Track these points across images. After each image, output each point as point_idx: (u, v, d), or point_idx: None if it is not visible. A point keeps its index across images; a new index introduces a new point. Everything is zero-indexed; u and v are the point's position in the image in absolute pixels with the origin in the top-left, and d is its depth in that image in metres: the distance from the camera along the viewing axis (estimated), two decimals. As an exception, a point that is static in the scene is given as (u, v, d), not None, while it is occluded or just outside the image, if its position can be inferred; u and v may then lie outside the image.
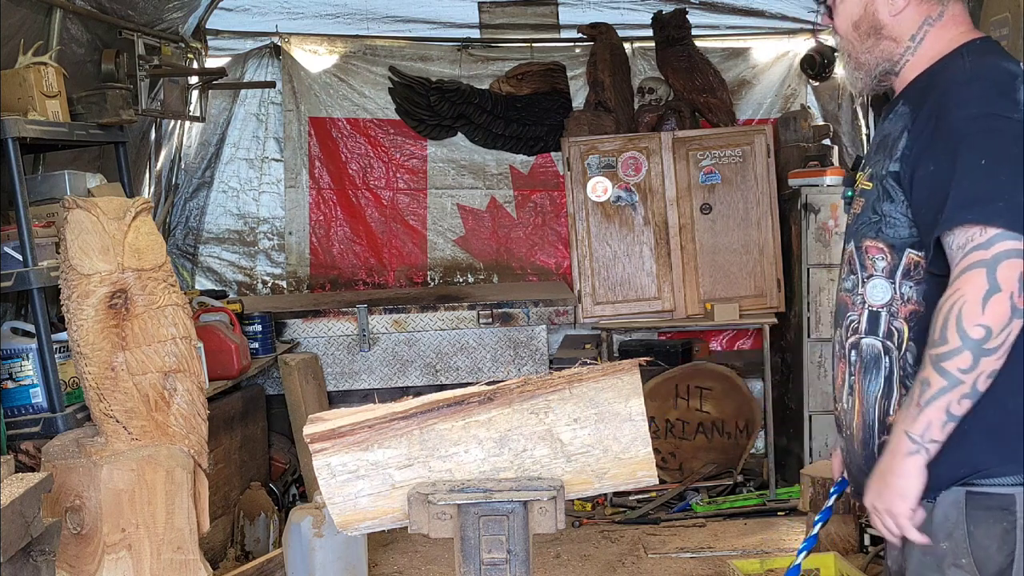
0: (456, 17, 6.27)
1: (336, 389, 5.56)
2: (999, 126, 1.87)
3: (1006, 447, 1.86)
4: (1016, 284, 1.78)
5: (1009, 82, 1.91)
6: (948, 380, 1.81)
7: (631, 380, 2.34)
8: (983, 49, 2.00)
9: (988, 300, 1.78)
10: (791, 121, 6.00)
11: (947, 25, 2.06)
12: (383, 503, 2.32)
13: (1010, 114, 1.87)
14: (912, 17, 2.06)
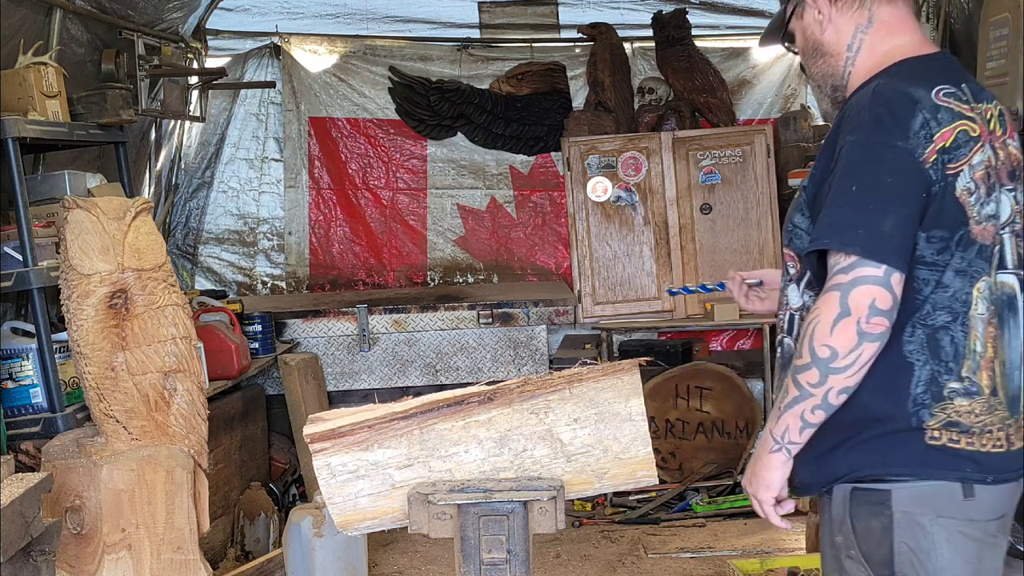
0: (456, 17, 6.27)
1: (336, 389, 5.56)
2: (879, 154, 1.90)
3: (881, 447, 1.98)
4: (865, 310, 1.86)
5: (907, 109, 1.92)
6: (800, 391, 1.94)
7: (631, 380, 2.34)
8: (900, 73, 2.00)
9: (837, 323, 1.87)
10: (791, 121, 6.00)
11: (879, 32, 2.07)
12: (383, 503, 2.32)
13: (895, 142, 1.89)
14: (843, 28, 2.09)
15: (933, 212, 1.90)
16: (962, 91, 1.98)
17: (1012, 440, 2.00)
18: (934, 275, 1.94)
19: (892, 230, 1.86)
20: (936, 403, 1.95)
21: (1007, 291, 2.00)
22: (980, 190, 1.94)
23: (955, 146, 1.91)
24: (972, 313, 1.95)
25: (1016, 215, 2.01)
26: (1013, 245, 2.01)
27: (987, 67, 3.55)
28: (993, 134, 2.00)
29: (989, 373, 1.98)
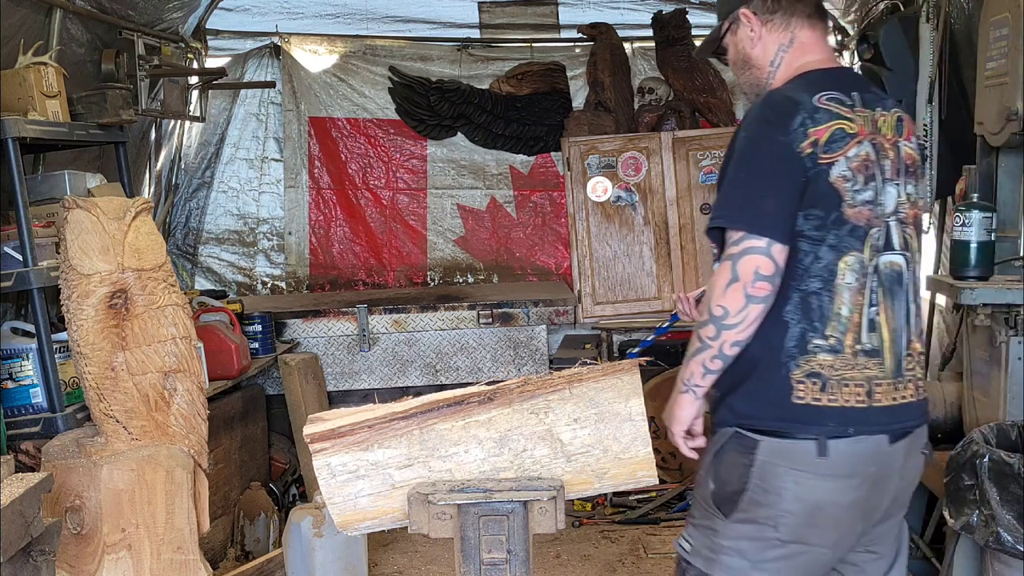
0: (456, 17, 6.27)
1: (336, 389, 5.56)
2: (764, 147, 2.29)
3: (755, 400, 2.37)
4: (751, 276, 2.23)
5: (789, 110, 2.28)
6: (701, 344, 2.35)
7: (631, 380, 2.34)
8: (798, 83, 2.36)
9: (728, 287, 2.26)
10: (791, 121, 6.00)
11: (797, 52, 2.44)
12: (383, 503, 2.32)
13: (777, 137, 2.26)
14: (769, 46, 2.45)
15: (810, 194, 2.26)
16: (849, 98, 2.33)
17: (875, 397, 2.30)
18: (813, 248, 2.27)
19: (774, 209, 2.24)
20: (802, 355, 2.29)
21: (896, 269, 2.34)
22: (857, 178, 2.28)
23: (830, 140, 2.26)
24: (838, 282, 2.28)
25: (901, 206, 2.35)
26: (899, 231, 2.35)
27: (987, 67, 3.55)
28: (880, 135, 2.34)
29: (855, 337, 2.29)
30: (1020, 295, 3.22)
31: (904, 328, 2.35)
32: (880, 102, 2.39)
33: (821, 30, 2.46)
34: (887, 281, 2.32)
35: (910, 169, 2.39)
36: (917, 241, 2.41)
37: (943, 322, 4.85)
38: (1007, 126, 3.36)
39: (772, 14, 2.44)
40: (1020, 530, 2.71)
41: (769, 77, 2.46)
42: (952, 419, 3.73)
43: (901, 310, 2.34)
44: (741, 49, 2.51)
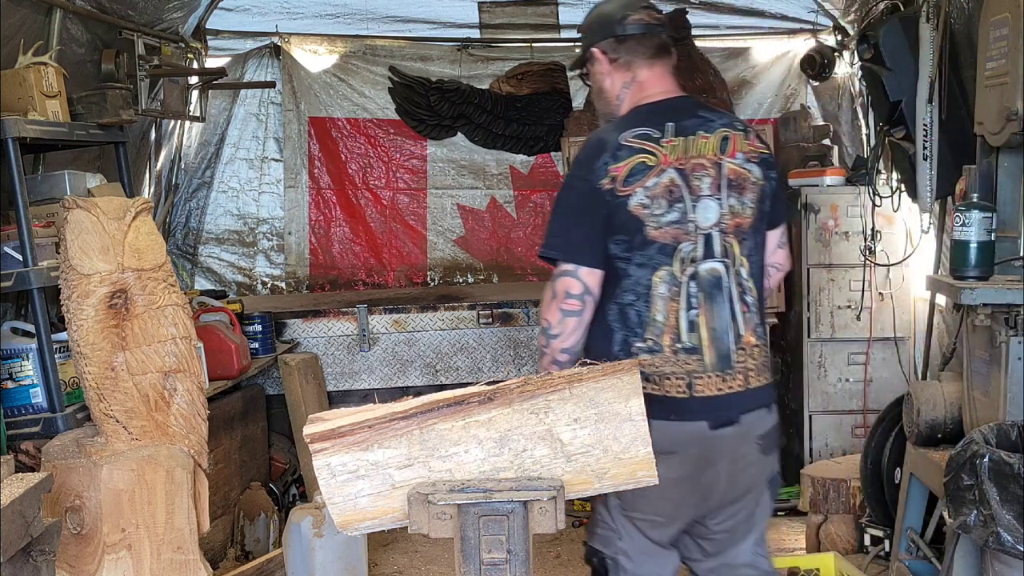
0: (456, 17, 6.27)
1: (336, 389, 5.56)
2: (573, 185, 2.71)
3: None
4: (563, 295, 2.64)
5: (597, 151, 2.65)
6: (541, 350, 2.74)
7: (631, 380, 2.34)
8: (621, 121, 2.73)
9: (549, 304, 2.68)
10: (791, 121, 6.00)
11: (637, 89, 2.78)
12: (383, 503, 2.32)
13: (584, 177, 2.64)
14: (616, 83, 2.80)
15: (614, 224, 2.61)
16: (660, 130, 2.65)
17: (696, 388, 2.63)
18: (625, 267, 2.63)
19: (581, 239, 2.63)
20: (626, 357, 2.62)
21: (715, 274, 2.64)
22: (657, 204, 2.61)
23: (629, 175, 2.61)
24: (652, 293, 2.63)
25: (723, 218, 2.65)
26: (720, 240, 2.65)
27: (987, 67, 3.54)
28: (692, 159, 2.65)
29: (673, 338, 2.63)
30: (1020, 295, 3.22)
31: (729, 326, 2.65)
32: (703, 126, 2.70)
33: (662, 67, 2.79)
34: (707, 286, 2.63)
35: (733, 183, 2.68)
36: (743, 247, 2.69)
37: (943, 322, 4.85)
38: (1007, 126, 3.36)
39: (618, 56, 2.78)
40: (1020, 530, 2.71)
41: (616, 109, 2.81)
42: (952, 419, 3.73)
43: (723, 311, 2.65)
44: (597, 81, 2.86)
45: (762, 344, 2.73)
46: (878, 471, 4.43)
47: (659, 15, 2.84)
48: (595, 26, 2.86)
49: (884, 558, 4.32)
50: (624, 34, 2.77)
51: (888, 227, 5.42)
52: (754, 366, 2.69)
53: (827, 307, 5.49)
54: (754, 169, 2.72)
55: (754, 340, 2.69)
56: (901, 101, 4.60)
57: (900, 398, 4.13)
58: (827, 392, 5.54)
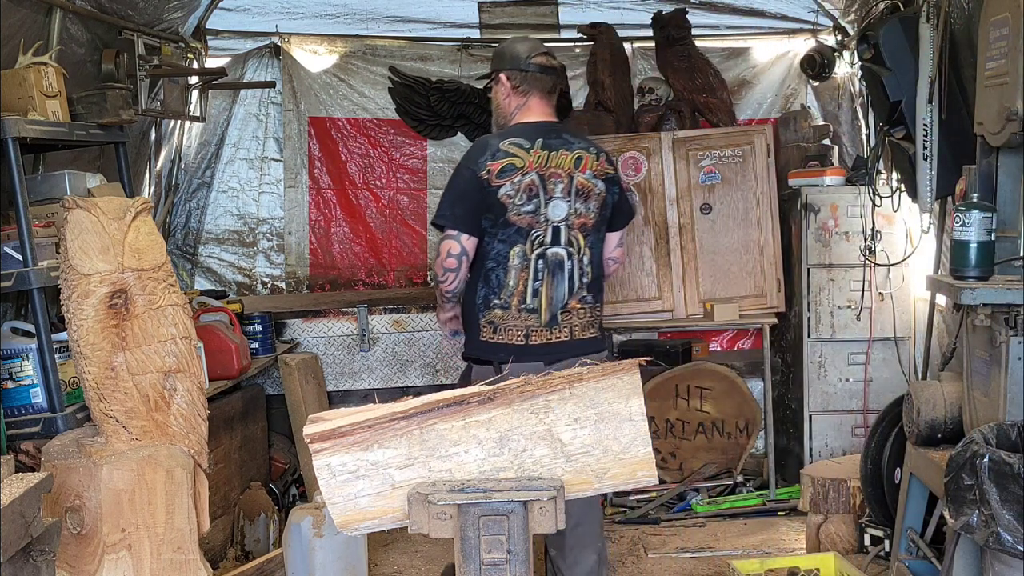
0: (456, 17, 6.26)
1: (336, 389, 5.56)
2: (460, 173, 3.57)
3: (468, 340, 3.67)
4: (446, 253, 3.53)
5: (482, 150, 3.53)
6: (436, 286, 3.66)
7: (631, 380, 2.34)
8: (504, 131, 3.62)
9: (437, 259, 3.59)
10: (791, 121, 6.00)
11: (524, 110, 3.67)
12: (383, 503, 2.33)
13: (470, 167, 3.52)
14: (512, 103, 3.68)
15: (486, 205, 3.49)
16: (531, 143, 3.54)
17: (531, 339, 3.54)
18: (491, 241, 3.52)
19: (463, 213, 3.51)
20: (486, 309, 3.56)
21: (559, 257, 3.53)
22: (520, 196, 3.48)
23: (501, 171, 3.49)
24: (509, 264, 3.51)
25: (570, 216, 3.54)
26: (566, 233, 3.54)
27: (987, 67, 3.54)
28: (551, 168, 3.54)
29: (520, 300, 3.52)
30: (1020, 295, 3.22)
31: (563, 296, 3.54)
32: (565, 145, 3.60)
33: (548, 99, 3.72)
34: (552, 265, 3.53)
35: (580, 192, 3.57)
36: (587, 241, 3.58)
37: (943, 322, 4.85)
38: (1007, 126, 3.36)
39: (519, 85, 3.67)
40: (1020, 530, 2.71)
41: (507, 122, 3.67)
42: (952, 419, 3.73)
43: (562, 285, 3.54)
44: (496, 98, 3.74)
45: (587, 308, 3.61)
46: (878, 471, 4.43)
47: (555, 61, 3.81)
48: (506, 57, 3.72)
49: (884, 558, 4.32)
50: (527, 70, 3.66)
51: (888, 227, 5.42)
52: (579, 323, 3.60)
53: (827, 307, 5.49)
54: (599, 184, 3.61)
55: (579, 306, 3.59)
56: (901, 101, 4.60)
57: (900, 398, 4.13)
58: (827, 392, 5.54)
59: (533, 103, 3.68)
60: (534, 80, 3.69)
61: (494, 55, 3.85)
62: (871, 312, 5.45)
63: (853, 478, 4.58)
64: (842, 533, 4.58)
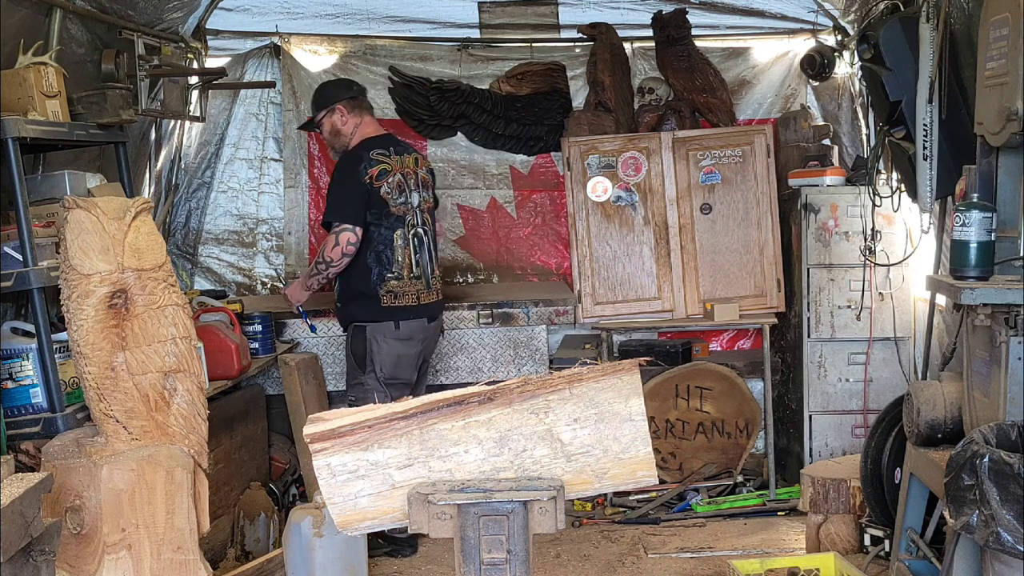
0: (456, 17, 6.26)
1: (336, 389, 5.55)
2: (344, 180, 4.68)
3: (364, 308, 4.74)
4: (345, 242, 4.59)
5: (357, 161, 4.67)
6: (317, 272, 4.74)
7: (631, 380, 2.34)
8: (362, 144, 4.74)
9: (333, 249, 4.62)
10: (791, 121, 6.00)
11: (361, 128, 4.81)
12: (383, 503, 2.33)
13: (351, 174, 4.66)
14: (349, 124, 4.81)
15: (370, 202, 4.64)
16: (388, 151, 4.75)
17: (421, 299, 4.77)
18: (377, 229, 4.66)
19: (352, 212, 4.63)
20: (382, 283, 4.69)
21: (420, 235, 4.77)
22: (394, 192, 4.68)
23: (379, 175, 4.66)
24: (395, 244, 4.69)
25: (422, 202, 4.80)
26: (421, 216, 4.78)
27: (987, 67, 3.54)
28: (406, 168, 4.77)
29: (409, 271, 4.72)
30: (1020, 295, 3.22)
31: (429, 264, 4.79)
32: (405, 151, 4.85)
33: (372, 116, 4.90)
34: (418, 242, 4.74)
35: (422, 184, 4.85)
36: (431, 220, 4.90)
37: (943, 322, 4.85)
38: (1007, 126, 3.36)
39: (352, 110, 4.80)
40: (1020, 530, 2.71)
41: (350, 141, 4.78)
42: (952, 419, 3.73)
43: (427, 256, 4.78)
44: (335, 126, 4.81)
45: (440, 272, 4.99)
46: (878, 471, 4.43)
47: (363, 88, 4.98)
48: (333, 91, 4.89)
49: (884, 558, 4.32)
50: (354, 96, 4.83)
51: (888, 227, 5.42)
52: (439, 285, 4.95)
53: (827, 307, 5.49)
54: (429, 176, 4.96)
55: (439, 271, 4.96)
56: (901, 101, 4.60)
57: (900, 398, 4.13)
58: (827, 392, 5.54)
59: (366, 122, 4.82)
60: (360, 104, 4.84)
61: (319, 99, 4.89)
62: (871, 312, 5.45)
63: (853, 478, 4.58)
64: (842, 533, 4.58)
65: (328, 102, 4.80)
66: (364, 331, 4.69)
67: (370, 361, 4.70)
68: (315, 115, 4.88)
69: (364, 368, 4.71)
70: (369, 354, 4.69)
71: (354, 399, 4.63)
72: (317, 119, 4.85)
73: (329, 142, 4.93)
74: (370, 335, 4.69)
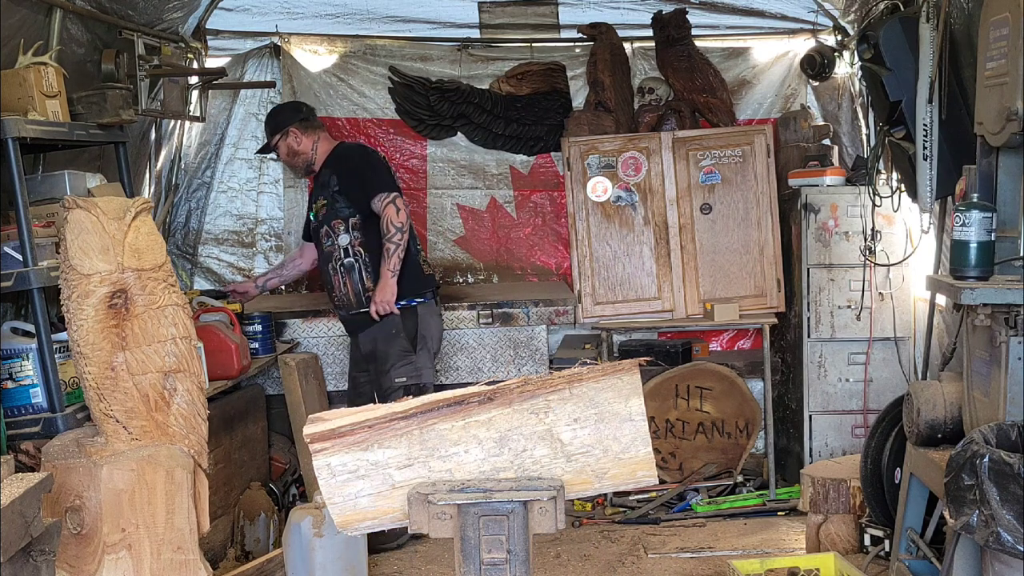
0: (456, 17, 6.26)
1: (336, 389, 5.55)
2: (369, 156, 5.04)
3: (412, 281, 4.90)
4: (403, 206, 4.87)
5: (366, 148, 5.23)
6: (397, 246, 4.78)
7: (631, 380, 2.34)
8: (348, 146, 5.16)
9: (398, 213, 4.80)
10: (791, 121, 6.00)
11: (323, 143, 5.04)
12: (383, 503, 2.33)
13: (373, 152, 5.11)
14: (307, 143, 5.02)
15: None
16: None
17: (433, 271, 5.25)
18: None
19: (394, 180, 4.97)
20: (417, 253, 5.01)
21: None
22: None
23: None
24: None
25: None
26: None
27: (987, 67, 3.54)
28: None
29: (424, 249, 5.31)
30: (1020, 295, 3.22)
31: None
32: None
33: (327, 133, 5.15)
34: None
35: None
36: None
37: (943, 322, 4.85)
38: (1007, 126, 3.36)
39: (306, 131, 5.00)
40: (1020, 530, 2.71)
41: (312, 157, 5.02)
42: (952, 419, 3.73)
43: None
44: (292, 147, 5.01)
45: None
46: (878, 471, 4.43)
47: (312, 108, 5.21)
48: (286, 115, 5.05)
49: (884, 558, 4.32)
50: (304, 117, 5.03)
51: (888, 227, 5.42)
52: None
53: (827, 307, 5.49)
54: None
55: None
56: (901, 101, 4.60)
57: (900, 398, 4.13)
58: (827, 392, 5.54)
59: (323, 137, 5.06)
60: (313, 123, 5.06)
61: (271, 124, 5.05)
62: (871, 312, 5.45)
63: (853, 478, 4.58)
64: (842, 533, 4.58)
65: (281, 126, 4.99)
66: (413, 310, 4.85)
67: (421, 337, 4.85)
68: (269, 140, 5.06)
69: (415, 346, 4.84)
70: (420, 330, 4.85)
71: (406, 380, 4.79)
72: (272, 143, 5.03)
73: (288, 163, 5.13)
74: (420, 312, 4.86)
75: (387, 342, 4.84)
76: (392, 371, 4.82)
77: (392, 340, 4.83)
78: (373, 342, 4.89)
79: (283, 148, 5.01)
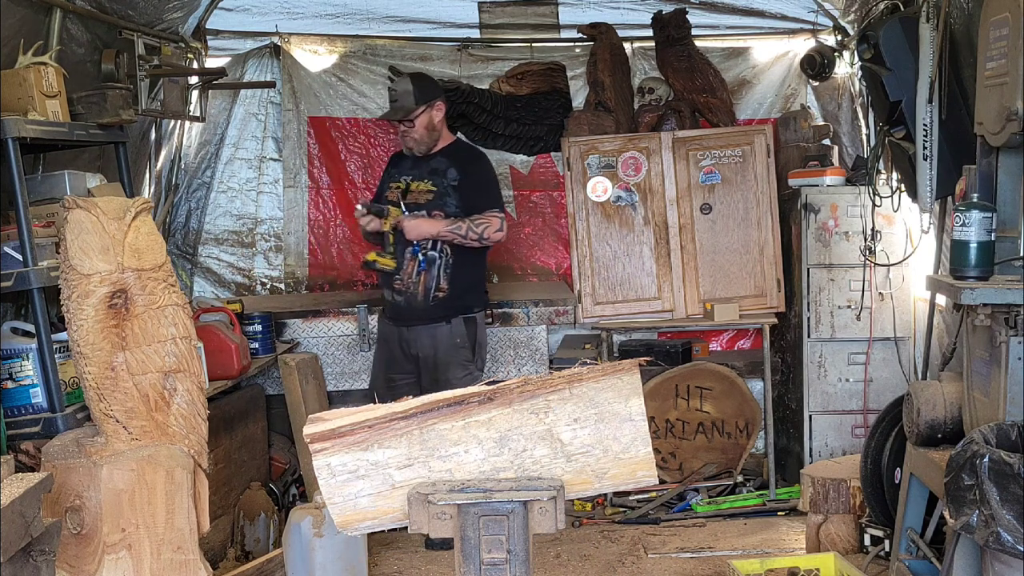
0: (456, 17, 6.26)
1: (336, 389, 5.56)
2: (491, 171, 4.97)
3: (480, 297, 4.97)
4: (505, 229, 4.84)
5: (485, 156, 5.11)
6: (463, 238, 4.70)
7: (631, 380, 2.34)
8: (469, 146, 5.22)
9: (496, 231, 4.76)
10: (791, 121, 6.00)
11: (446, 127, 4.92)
12: (383, 503, 2.33)
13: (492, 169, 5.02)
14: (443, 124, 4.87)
15: None
16: None
17: None
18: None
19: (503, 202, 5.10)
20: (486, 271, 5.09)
21: None
22: None
23: None
24: None
25: None
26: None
27: (987, 67, 3.54)
28: None
29: None
30: (1020, 295, 3.22)
31: None
32: None
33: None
34: None
35: None
36: None
37: (943, 322, 4.85)
38: (1007, 126, 3.36)
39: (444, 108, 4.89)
40: (1020, 530, 2.71)
41: (439, 139, 4.84)
42: (952, 419, 3.73)
43: None
44: (433, 120, 4.80)
45: None
46: (878, 471, 4.43)
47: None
48: (436, 87, 4.92)
49: (884, 558, 4.32)
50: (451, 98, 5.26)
51: (888, 227, 5.42)
52: None
53: (827, 307, 5.49)
54: None
55: None
56: (901, 101, 4.60)
57: (900, 398, 4.13)
58: (827, 392, 5.54)
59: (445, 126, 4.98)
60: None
61: (424, 90, 4.77)
62: (871, 312, 5.45)
63: (853, 478, 4.58)
64: (842, 533, 4.58)
65: (432, 97, 4.74)
66: (475, 320, 4.84)
67: (479, 346, 4.87)
68: (417, 106, 4.70)
69: (473, 358, 4.84)
70: (478, 339, 4.85)
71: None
72: (417, 111, 4.69)
73: (415, 137, 4.78)
74: (479, 321, 4.87)
75: (450, 351, 4.78)
76: (453, 379, 4.60)
77: (456, 350, 4.78)
78: (433, 348, 4.80)
79: (424, 119, 4.73)
